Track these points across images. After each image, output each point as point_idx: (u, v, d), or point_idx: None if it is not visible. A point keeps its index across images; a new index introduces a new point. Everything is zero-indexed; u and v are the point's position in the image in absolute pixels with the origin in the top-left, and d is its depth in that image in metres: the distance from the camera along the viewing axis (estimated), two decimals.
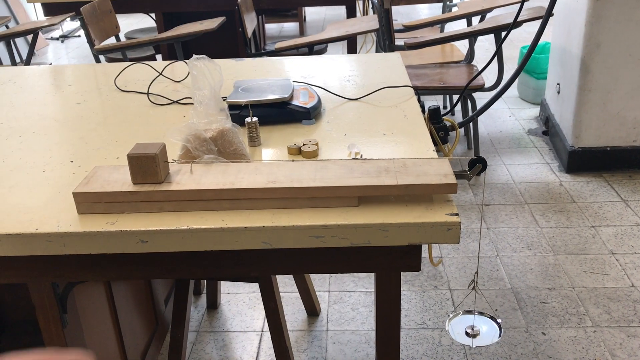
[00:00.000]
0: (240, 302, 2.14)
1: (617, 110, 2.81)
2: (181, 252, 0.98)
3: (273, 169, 1.01)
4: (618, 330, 1.91)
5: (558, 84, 3.11)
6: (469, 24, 3.46)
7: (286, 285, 2.20)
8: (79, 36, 6.76)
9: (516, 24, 2.36)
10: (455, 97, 3.55)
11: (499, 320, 1.14)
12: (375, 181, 0.96)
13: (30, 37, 3.86)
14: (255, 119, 1.22)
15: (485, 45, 5.18)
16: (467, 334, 1.09)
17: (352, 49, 3.69)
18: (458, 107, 3.66)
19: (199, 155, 1.05)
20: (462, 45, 3.66)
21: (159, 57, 4.17)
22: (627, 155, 2.89)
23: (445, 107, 3.79)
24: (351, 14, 3.75)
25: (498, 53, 2.74)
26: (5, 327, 1.66)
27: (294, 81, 1.49)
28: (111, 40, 3.18)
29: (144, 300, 1.76)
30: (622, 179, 2.84)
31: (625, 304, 2.02)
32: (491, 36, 2.85)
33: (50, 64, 5.70)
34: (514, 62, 4.57)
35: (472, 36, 2.97)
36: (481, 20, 3.33)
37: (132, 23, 6.67)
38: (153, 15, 3.97)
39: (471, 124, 3.16)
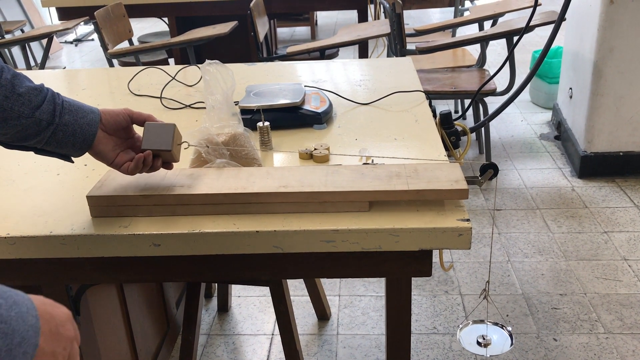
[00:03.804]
0: (251, 305, 2.14)
1: (630, 115, 2.79)
2: (193, 256, 0.98)
3: (284, 173, 1.02)
4: (631, 337, 1.89)
5: (570, 88, 3.10)
6: (481, 28, 3.46)
7: (297, 289, 2.21)
8: (93, 40, 6.82)
9: (528, 28, 2.35)
10: (467, 102, 3.54)
11: (509, 329, 1.13)
12: (386, 186, 0.96)
13: (44, 41, 3.90)
14: (267, 123, 1.23)
15: (497, 50, 5.16)
16: (478, 343, 1.09)
17: (363, 53, 3.70)
18: (470, 112, 3.65)
19: (211, 160, 1.06)
20: (474, 50, 3.65)
21: (171, 61, 4.20)
22: None
23: (456, 112, 3.78)
24: (363, 18, 3.76)
25: (510, 57, 2.73)
26: None
27: (305, 86, 1.49)
28: (124, 44, 3.20)
29: (156, 303, 1.77)
30: (635, 184, 2.82)
31: (638, 311, 2.00)
32: (503, 40, 2.84)
33: (64, 67, 5.76)
34: (526, 66, 4.55)
35: (483, 41, 2.97)
36: (493, 24, 3.32)
37: (145, 27, 6.72)
38: (166, 19, 4.00)
39: (483, 128, 3.15)
